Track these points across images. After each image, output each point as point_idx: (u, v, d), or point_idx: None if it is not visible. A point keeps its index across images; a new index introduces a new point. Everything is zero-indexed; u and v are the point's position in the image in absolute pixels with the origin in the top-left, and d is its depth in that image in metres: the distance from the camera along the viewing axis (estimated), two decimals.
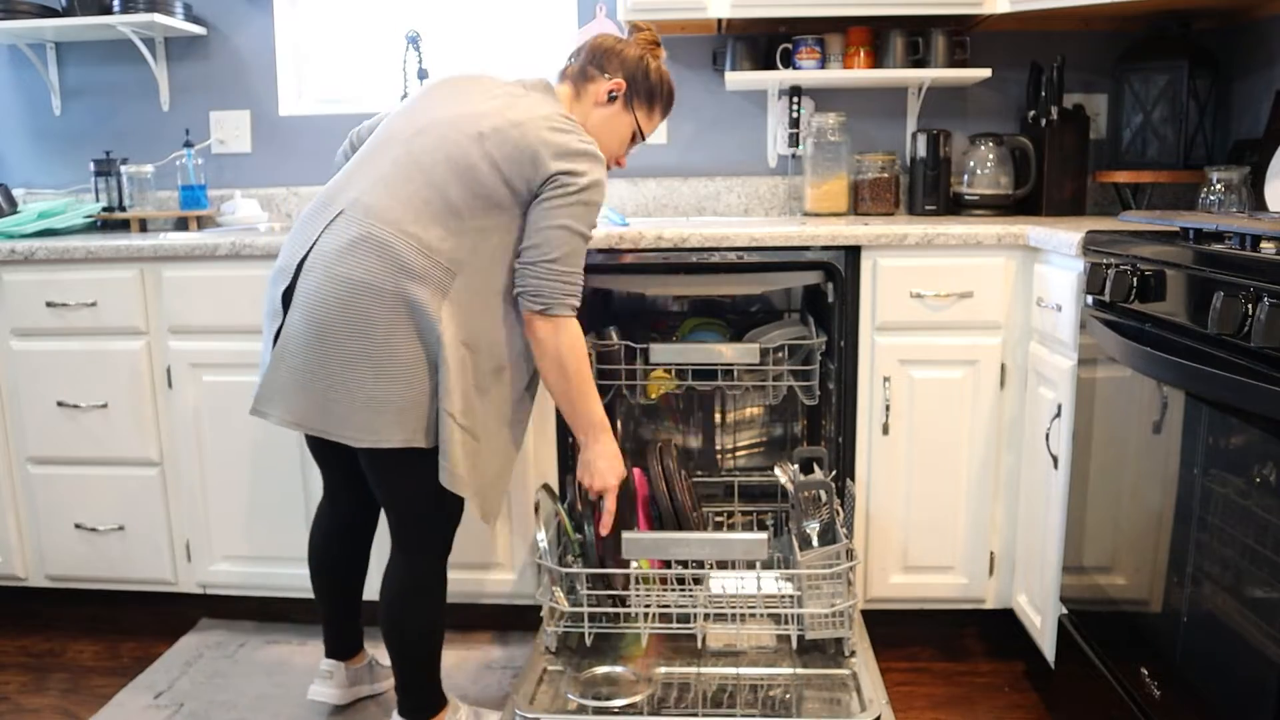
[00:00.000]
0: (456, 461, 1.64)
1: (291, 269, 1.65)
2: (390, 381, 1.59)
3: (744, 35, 2.62)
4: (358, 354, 1.58)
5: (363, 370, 1.59)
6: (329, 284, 1.58)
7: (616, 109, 1.85)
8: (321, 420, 1.62)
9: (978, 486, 2.17)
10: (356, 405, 1.60)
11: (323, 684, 2.02)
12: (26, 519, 2.38)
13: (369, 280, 1.57)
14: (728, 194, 2.78)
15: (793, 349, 2.31)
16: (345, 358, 1.58)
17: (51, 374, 2.29)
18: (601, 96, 1.84)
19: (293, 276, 1.65)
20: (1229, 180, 2.19)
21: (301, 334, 1.61)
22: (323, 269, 1.60)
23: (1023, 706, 2.06)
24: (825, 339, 2.21)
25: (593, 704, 1.83)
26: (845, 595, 1.95)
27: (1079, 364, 1.82)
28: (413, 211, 1.61)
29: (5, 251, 2.23)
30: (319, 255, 1.61)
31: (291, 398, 1.64)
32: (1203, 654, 1.37)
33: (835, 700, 1.84)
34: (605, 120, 1.85)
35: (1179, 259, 1.45)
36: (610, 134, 1.86)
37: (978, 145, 2.55)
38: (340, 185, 1.69)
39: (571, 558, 2.07)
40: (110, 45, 2.81)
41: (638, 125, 1.88)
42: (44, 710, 2.10)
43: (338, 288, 1.58)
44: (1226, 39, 2.49)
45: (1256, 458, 1.24)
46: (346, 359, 1.58)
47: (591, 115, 1.84)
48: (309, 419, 1.63)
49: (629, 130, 1.88)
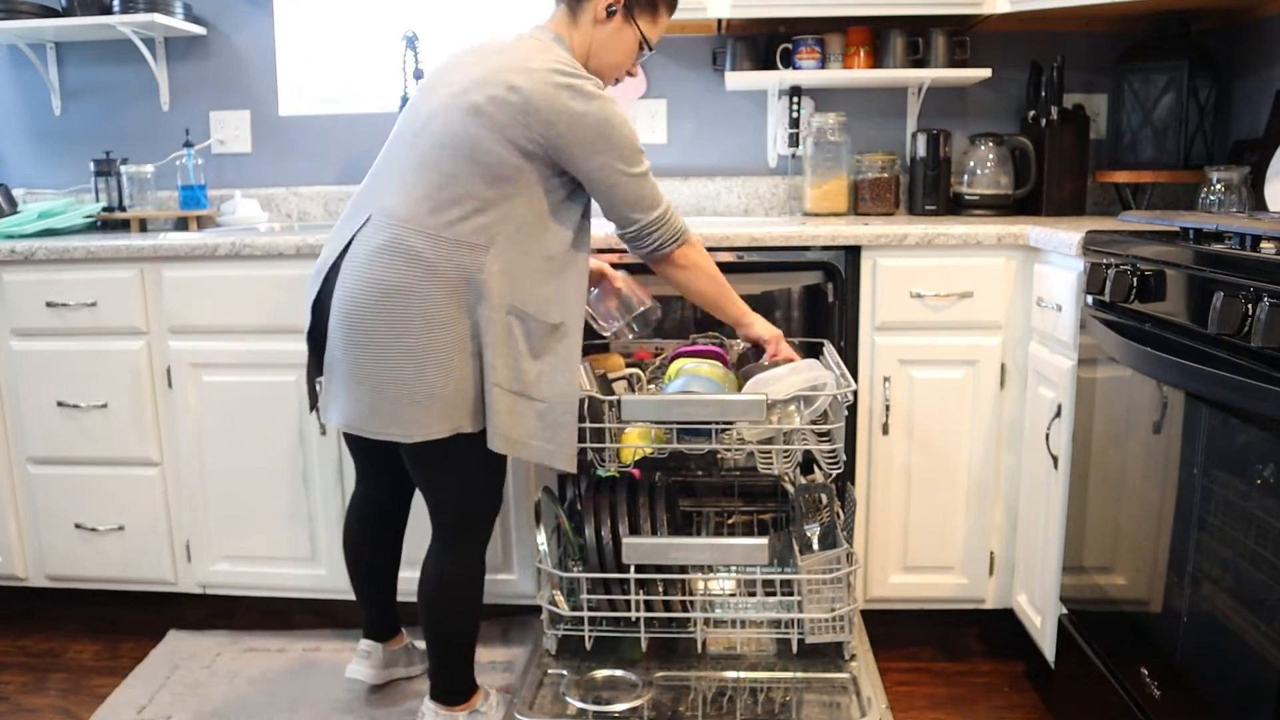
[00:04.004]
0: (506, 425, 1.66)
1: (324, 272, 1.73)
2: (433, 374, 1.62)
3: (744, 35, 2.62)
4: (398, 353, 1.62)
5: (404, 368, 1.62)
6: (363, 289, 1.63)
7: (617, 23, 1.76)
8: (372, 421, 1.66)
9: (978, 486, 2.17)
10: (402, 403, 1.63)
11: (360, 663, 2.08)
12: (26, 519, 2.38)
13: (399, 283, 1.61)
14: (728, 194, 2.78)
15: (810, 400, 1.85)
16: (386, 358, 1.62)
17: (51, 374, 2.28)
18: (600, 13, 1.74)
19: (323, 280, 1.73)
20: (1229, 180, 2.18)
21: (342, 340, 1.66)
22: (354, 274, 1.65)
23: (1023, 706, 2.06)
24: (854, 388, 1.82)
25: (593, 708, 1.83)
26: (845, 599, 1.95)
27: (1079, 364, 1.82)
28: (429, 203, 1.63)
29: (5, 251, 2.23)
30: (351, 261, 1.67)
31: (343, 402, 1.69)
32: (1203, 654, 1.37)
33: (835, 704, 1.84)
34: (608, 38, 1.76)
35: (1179, 259, 1.45)
36: (615, 50, 1.78)
37: (978, 145, 2.55)
38: (368, 187, 1.75)
39: (572, 561, 2.07)
40: (110, 45, 2.81)
41: (642, 35, 1.79)
42: (44, 710, 2.10)
43: (371, 292, 1.62)
44: (1226, 39, 2.49)
45: (1256, 458, 1.24)
46: (388, 359, 1.62)
47: (594, 36, 1.76)
48: (360, 421, 1.67)
49: (634, 42, 1.79)
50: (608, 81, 1.82)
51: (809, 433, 1.84)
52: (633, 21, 1.76)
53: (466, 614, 1.82)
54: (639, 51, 1.81)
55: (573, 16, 1.76)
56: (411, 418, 1.63)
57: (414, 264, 1.61)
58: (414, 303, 1.61)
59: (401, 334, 1.61)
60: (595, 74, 1.77)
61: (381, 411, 1.64)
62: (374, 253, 1.63)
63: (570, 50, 1.74)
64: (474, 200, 1.63)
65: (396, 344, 1.61)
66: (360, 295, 1.63)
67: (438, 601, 1.80)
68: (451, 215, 1.63)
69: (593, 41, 1.76)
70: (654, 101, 2.76)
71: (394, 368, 1.62)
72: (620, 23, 1.76)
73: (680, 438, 1.85)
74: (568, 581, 2.01)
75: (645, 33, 1.79)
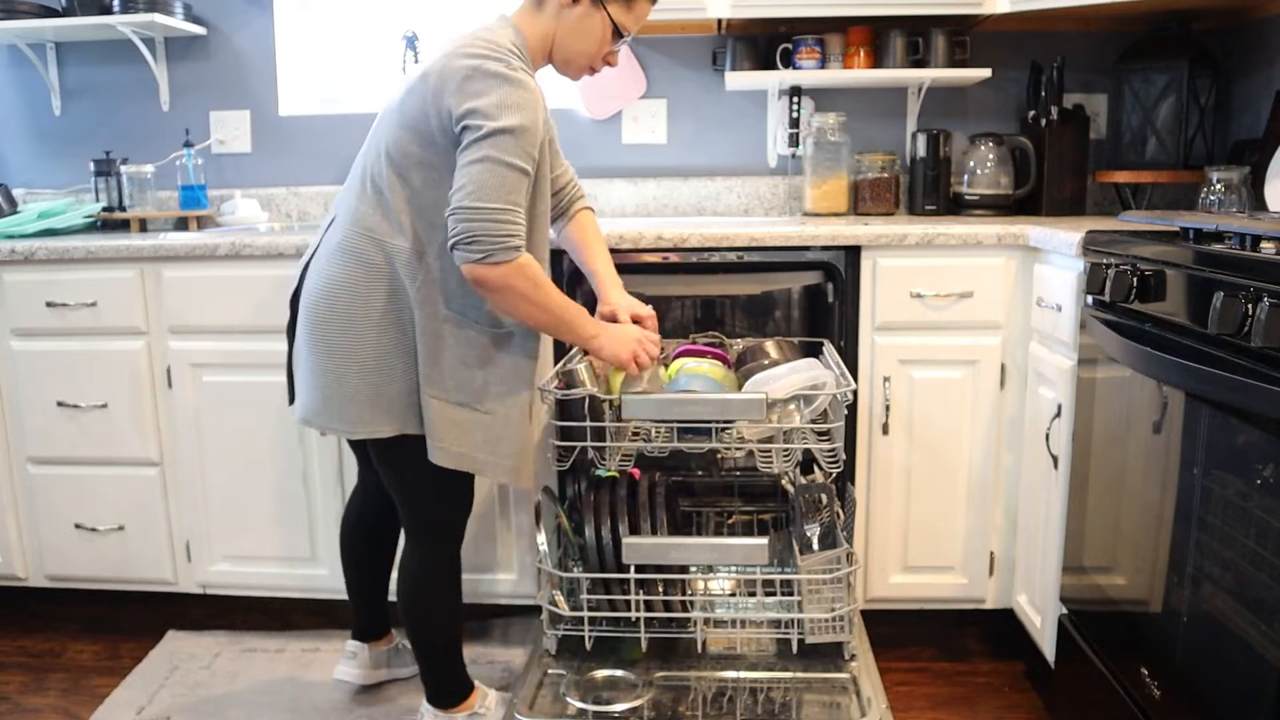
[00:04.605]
0: (446, 438, 1.66)
1: (301, 269, 1.77)
2: (375, 374, 1.65)
3: (744, 35, 2.62)
4: (345, 350, 1.65)
5: (350, 365, 1.65)
6: (319, 288, 1.68)
7: (584, 8, 1.66)
8: (321, 416, 1.69)
9: (978, 486, 2.17)
10: (347, 399, 1.66)
11: (347, 664, 2.09)
12: (26, 519, 2.38)
13: (346, 283, 1.65)
14: (728, 194, 2.78)
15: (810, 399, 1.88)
16: (336, 353, 1.66)
17: (51, 374, 2.28)
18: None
19: (300, 277, 1.77)
20: (1229, 180, 2.18)
21: (302, 335, 1.71)
22: (315, 273, 1.70)
23: (1023, 706, 2.06)
24: (854, 388, 1.80)
25: (592, 709, 1.83)
26: (845, 599, 1.95)
27: (1079, 364, 1.82)
28: (369, 205, 1.65)
29: (5, 251, 2.23)
30: (315, 260, 1.73)
31: (303, 396, 1.73)
32: (1203, 654, 1.37)
33: (835, 704, 1.83)
34: (575, 24, 1.67)
35: (1179, 259, 1.45)
36: (583, 37, 1.68)
37: (978, 145, 2.55)
38: (345, 186, 1.77)
39: (572, 561, 2.07)
40: (110, 45, 2.81)
41: (613, 21, 1.67)
42: (44, 710, 2.10)
43: (325, 290, 1.66)
44: (1226, 39, 2.49)
45: (1256, 458, 1.24)
46: (337, 355, 1.66)
47: (558, 22, 1.67)
48: (311, 414, 1.71)
49: (604, 29, 1.68)
50: (579, 71, 1.75)
51: (809, 432, 1.85)
52: (601, 7, 1.67)
53: (443, 613, 1.82)
54: (613, 39, 1.71)
55: (537, 3, 1.68)
56: (354, 414, 1.66)
57: (359, 265, 1.64)
58: (358, 303, 1.64)
59: (347, 331, 1.64)
60: (562, 63, 1.72)
61: (331, 407, 1.67)
62: (331, 252, 1.67)
63: (524, 37, 1.66)
64: (405, 204, 1.63)
65: (342, 341, 1.65)
66: (316, 293, 1.67)
67: (413, 601, 1.81)
68: (388, 218, 1.64)
69: (558, 28, 1.68)
70: (654, 101, 2.76)
71: (340, 364, 1.65)
72: (587, 8, 1.66)
73: (680, 437, 1.85)
74: (568, 581, 2.01)
75: (617, 19, 1.68)
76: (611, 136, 2.79)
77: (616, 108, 2.77)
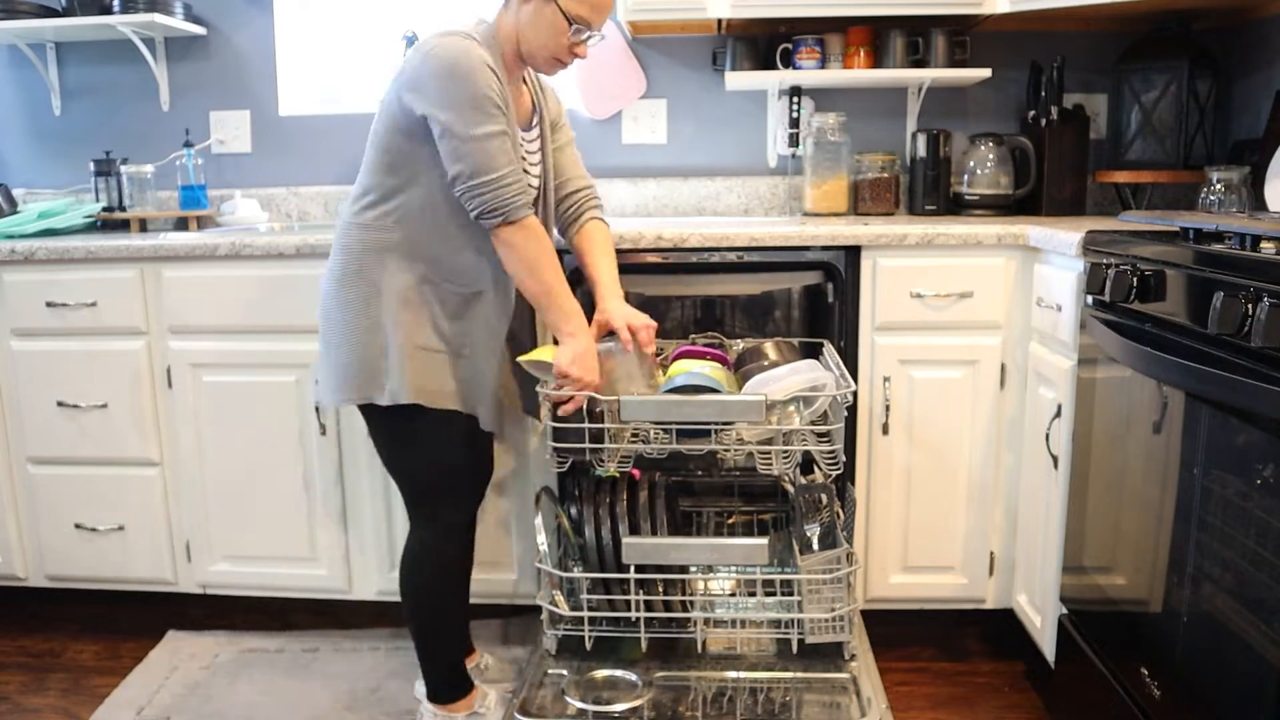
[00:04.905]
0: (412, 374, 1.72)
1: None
2: (349, 347, 1.74)
3: (744, 35, 2.62)
4: (330, 326, 1.78)
5: (331, 339, 1.77)
6: (325, 276, 1.81)
7: (536, 3, 1.67)
8: (318, 390, 1.83)
9: (978, 487, 2.17)
10: (327, 370, 1.79)
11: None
12: (26, 519, 2.38)
13: (337, 270, 1.77)
14: (728, 194, 2.78)
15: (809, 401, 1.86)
16: (325, 332, 1.79)
17: (51, 374, 2.28)
18: None
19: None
20: (1229, 180, 2.18)
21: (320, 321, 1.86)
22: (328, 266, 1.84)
23: (1023, 706, 2.06)
24: (853, 389, 1.80)
25: (593, 708, 1.83)
26: (845, 599, 1.95)
27: (1079, 364, 1.82)
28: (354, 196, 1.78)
29: (5, 251, 2.23)
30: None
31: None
32: (1203, 654, 1.37)
33: (835, 704, 1.83)
34: (531, 18, 1.68)
35: (1179, 259, 1.45)
36: (539, 31, 1.69)
37: (978, 145, 2.55)
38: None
39: (572, 561, 2.07)
40: (110, 45, 2.81)
41: (565, 14, 1.66)
42: (44, 710, 2.10)
43: (327, 278, 1.80)
44: (1226, 39, 2.49)
45: (1256, 458, 1.24)
46: (325, 333, 1.79)
47: (519, 17, 1.70)
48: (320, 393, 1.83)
49: (556, 19, 1.67)
50: (547, 64, 1.74)
51: (808, 433, 1.84)
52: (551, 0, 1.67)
53: (426, 597, 1.83)
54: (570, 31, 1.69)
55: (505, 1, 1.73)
56: (329, 382, 1.78)
57: (341, 252, 1.76)
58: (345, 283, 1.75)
59: (332, 311, 1.77)
60: (528, 55, 1.73)
61: (320, 380, 1.81)
62: (333, 244, 1.81)
63: (495, 31, 1.71)
64: (379, 189, 1.73)
65: (330, 318, 1.77)
66: (324, 282, 1.81)
67: (405, 582, 1.84)
68: (363, 204, 1.74)
69: (519, 23, 1.70)
70: (654, 101, 2.76)
71: (327, 341, 1.78)
72: (538, 2, 1.67)
73: (680, 438, 1.84)
74: (568, 581, 2.01)
75: (569, 10, 1.66)
76: (611, 136, 2.79)
77: (616, 108, 2.77)
